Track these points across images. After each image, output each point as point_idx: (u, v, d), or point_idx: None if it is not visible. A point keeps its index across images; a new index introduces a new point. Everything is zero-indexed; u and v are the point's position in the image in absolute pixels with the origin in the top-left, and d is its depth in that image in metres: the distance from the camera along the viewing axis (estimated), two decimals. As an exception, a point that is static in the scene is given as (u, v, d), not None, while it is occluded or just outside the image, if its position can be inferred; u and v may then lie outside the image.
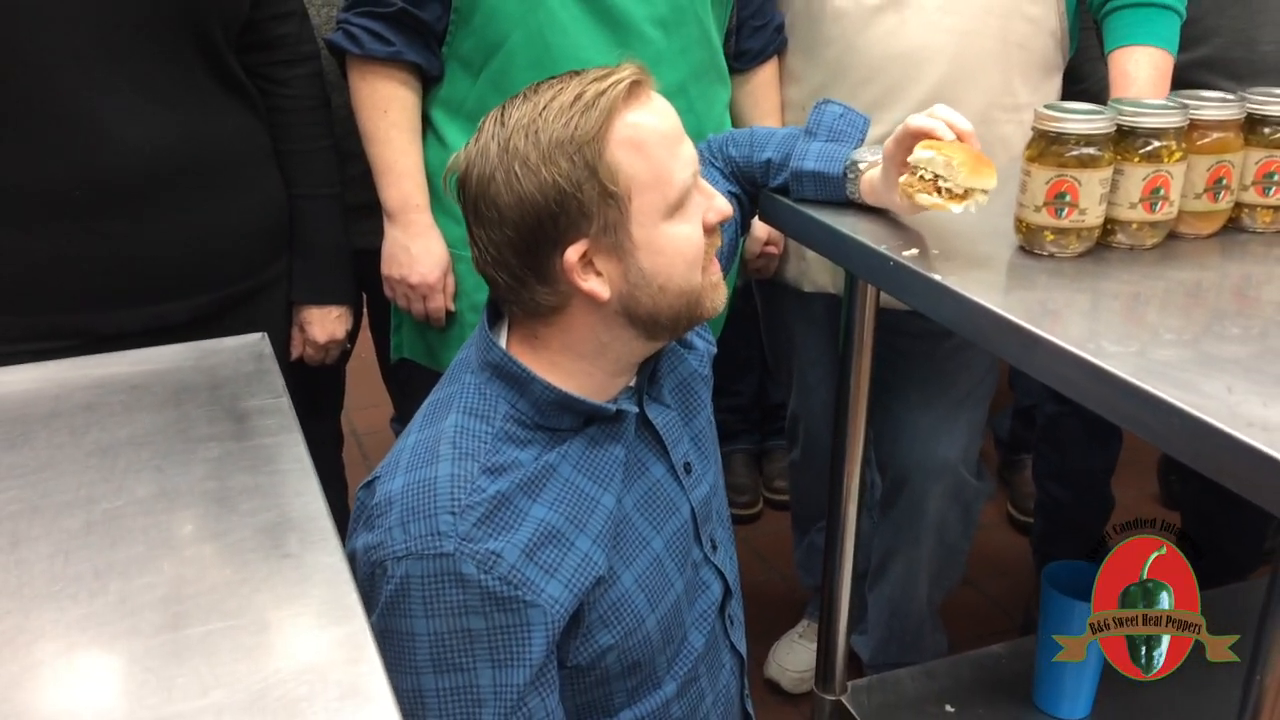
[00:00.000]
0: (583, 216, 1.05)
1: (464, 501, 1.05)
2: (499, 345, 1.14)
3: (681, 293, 1.12)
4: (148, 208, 1.46)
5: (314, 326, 1.70)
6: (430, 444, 1.10)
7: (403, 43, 1.59)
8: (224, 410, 0.98)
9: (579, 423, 1.15)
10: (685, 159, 1.11)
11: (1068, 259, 1.27)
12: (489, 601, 1.03)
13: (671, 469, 1.25)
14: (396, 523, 1.04)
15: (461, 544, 1.03)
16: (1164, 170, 1.25)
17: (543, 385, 1.12)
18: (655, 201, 1.07)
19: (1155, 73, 1.65)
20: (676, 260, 1.11)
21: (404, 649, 1.04)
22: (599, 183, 1.04)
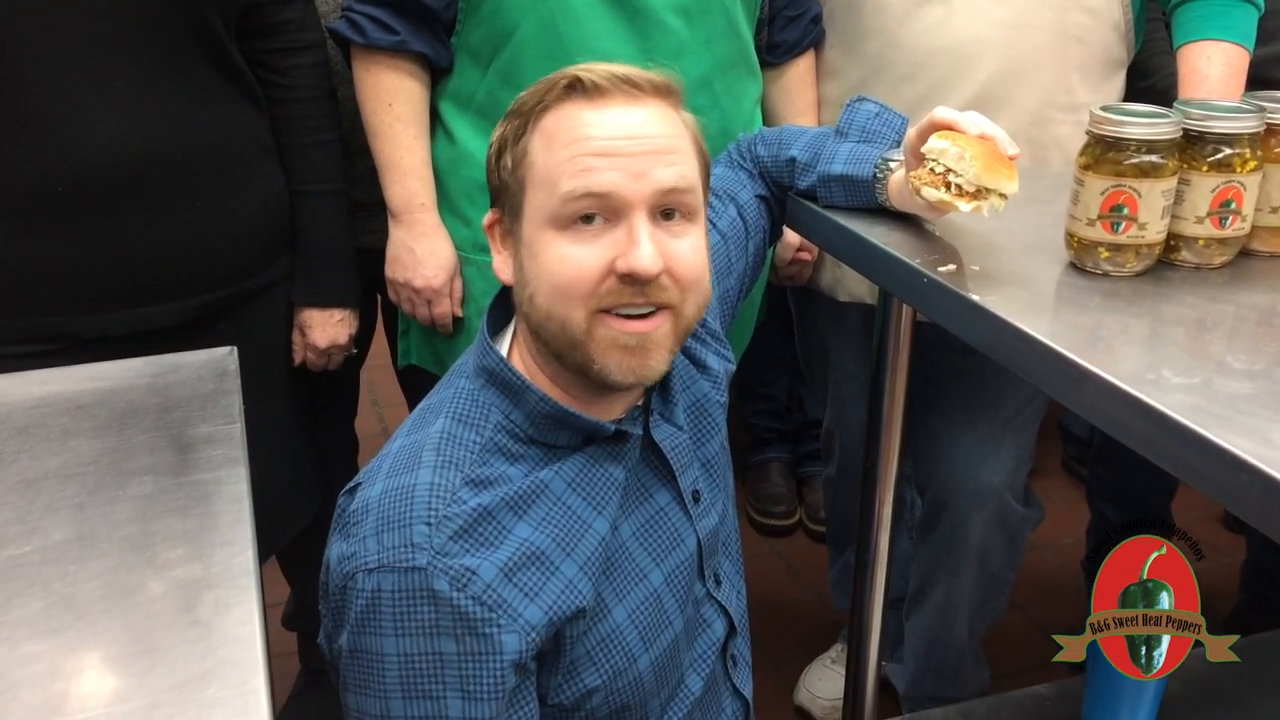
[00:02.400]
0: (502, 185, 1.05)
1: (442, 512, 0.97)
2: (496, 350, 1.06)
3: (551, 317, 1.00)
4: (134, 205, 1.37)
5: (314, 330, 1.61)
6: (414, 450, 1.02)
7: (409, 31, 1.49)
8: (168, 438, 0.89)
9: (577, 440, 1.06)
10: (593, 175, 0.98)
11: (1124, 279, 1.14)
12: (460, 623, 0.95)
13: (678, 496, 1.15)
14: (371, 532, 0.97)
15: (435, 558, 0.95)
16: (1236, 181, 1.11)
17: (538, 396, 1.03)
18: (541, 202, 1.00)
19: (1229, 70, 1.51)
20: (544, 276, 1.00)
21: (372, 670, 0.96)
22: (513, 158, 1.03)
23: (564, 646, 1.02)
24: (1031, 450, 1.85)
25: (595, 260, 0.98)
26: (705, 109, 1.53)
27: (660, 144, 1.00)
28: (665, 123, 1.02)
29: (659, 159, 0.99)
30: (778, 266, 1.79)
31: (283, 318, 1.61)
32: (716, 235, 1.34)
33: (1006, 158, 1.13)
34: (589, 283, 0.98)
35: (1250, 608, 2.24)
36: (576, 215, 0.98)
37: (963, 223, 1.27)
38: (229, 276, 1.49)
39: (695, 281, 1.03)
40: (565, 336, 1.01)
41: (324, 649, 1.06)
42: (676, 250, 1.01)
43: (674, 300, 1.01)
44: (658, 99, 1.02)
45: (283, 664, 2.27)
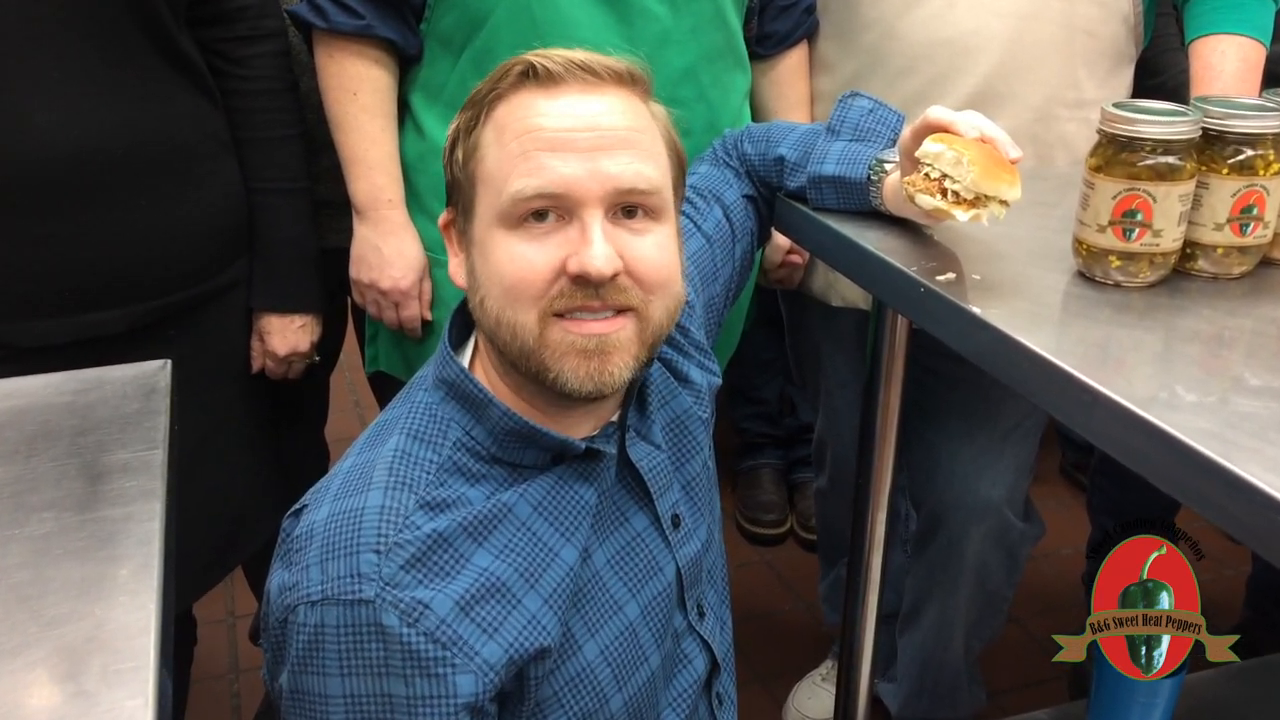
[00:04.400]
0: (453, 181, 0.98)
1: (392, 539, 0.89)
2: (457, 361, 0.97)
3: (502, 323, 0.93)
4: (74, 204, 1.28)
5: (274, 337, 1.52)
6: (365, 469, 0.94)
7: (374, 15, 1.40)
8: (80, 466, 0.80)
9: (545, 460, 0.97)
10: (546, 171, 0.90)
11: (1136, 290, 1.05)
12: (410, 662, 0.86)
13: (656, 521, 1.07)
14: (315, 560, 0.89)
15: (384, 589, 0.87)
16: (1259, 185, 1.03)
17: (501, 411, 0.95)
18: (491, 200, 0.93)
19: (1244, 66, 1.42)
20: (494, 274, 0.92)
21: (315, 713, 0.88)
22: (464, 152, 0.96)
23: (528, 688, 0.94)
24: (1032, 463, 1.77)
25: (546, 260, 0.91)
26: (691, 102, 1.44)
27: (619, 136, 0.92)
28: (627, 113, 0.93)
29: (617, 153, 0.91)
30: (766, 270, 1.70)
31: (240, 323, 1.52)
32: (701, 239, 1.25)
33: (1007, 162, 1.04)
34: (539, 284, 0.91)
35: (1255, 625, 2.16)
36: (527, 213, 0.91)
37: (962, 228, 1.18)
38: (180, 280, 1.40)
39: (661, 283, 0.94)
40: (517, 343, 0.93)
41: (267, 685, 0.97)
42: (637, 249, 0.92)
43: (635, 302, 0.93)
44: (619, 87, 0.94)
45: (251, 678, 2.19)
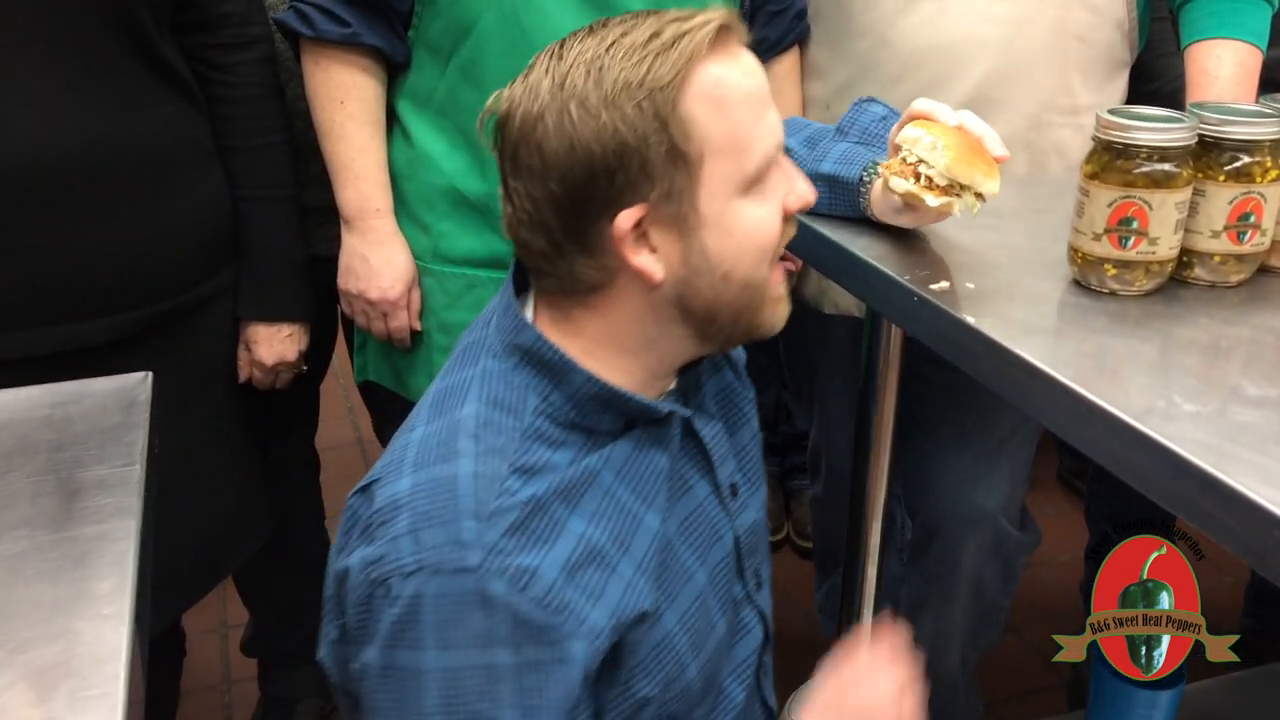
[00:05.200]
0: (644, 177, 0.87)
1: (491, 505, 0.85)
2: (532, 326, 0.94)
3: (746, 286, 0.93)
4: (55, 214, 1.26)
5: (261, 346, 1.50)
6: (444, 437, 0.90)
7: (361, 23, 1.39)
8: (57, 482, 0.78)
9: (618, 425, 0.95)
10: (770, 127, 0.92)
11: (1132, 298, 1.04)
12: (520, 630, 0.84)
13: (716, 490, 1.05)
14: (405, 531, 0.85)
15: (489, 556, 0.83)
16: (1256, 192, 1.01)
17: (584, 376, 0.92)
18: (730, 171, 0.89)
19: (1240, 71, 1.41)
20: (747, 245, 0.91)
21: (408, 691, 0.84)
22: (669, 138, 0.86)
23: (623, 655, 0.91)
24: (1028, 472, 1.75)
25: (776, 211, 0.94)
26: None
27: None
28: None
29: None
30: (760, 276, 1.69)
31: (227, 332, 1.50)
32: None
33: (986, 154, 1.03)
34: (778, 236, 0.94)
35: (1254, 633, 2.14)
36: (765, 173, 0.91)
37: (956, 237, 1.17)
38: (165, 290, 1.38)
39: None
40: (749, 301, 0.94)
41: (329, 671, 0.94)
42: None
43: None
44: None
45: (243, 689, 2.17)
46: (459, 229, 1.46)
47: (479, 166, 1.43)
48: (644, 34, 0.87)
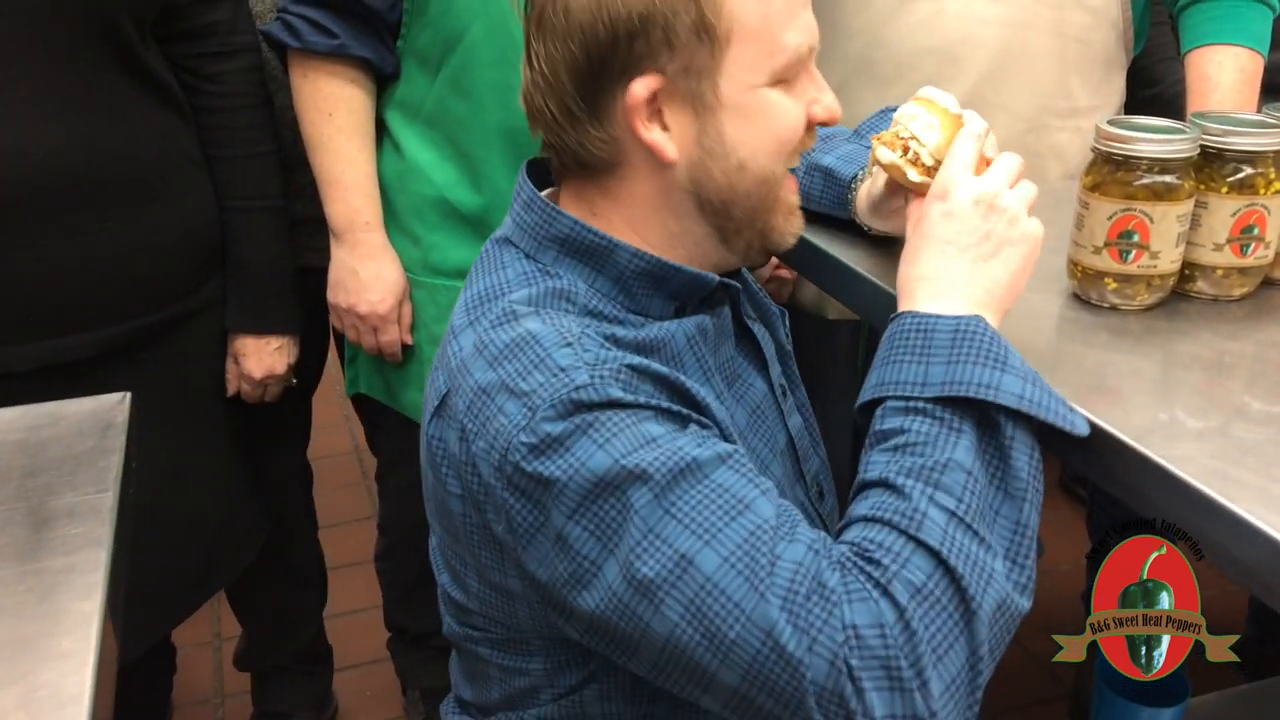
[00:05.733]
0: (665, 45, 0.86)
1: (576, 333, 0.83)
2: (566, 213, 0.92)
3: (761, 180, 0.91)
4: (38, 225, 1.24)
5: (249, 359, 1.48)
6: (498, 321, 0.86)
7: (349, 34, 1.37)
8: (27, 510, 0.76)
9: (668, 311, 0.93)
10: (804, 26, 0.91)
11: (1133, 313, 1.01)
12: (657, 412, 0.81)
13: (771, 388, 1.04)
14: (505, 400, 0.81)
15: (595, 369, 0.80)
16: (1259, 204, 0.99)
17: (630, 252, 0.90)
18: (757, 58, 0.88)
19: (1241, 77, 1.39)
20: (766, 134, 0.90)
21: (603, 510, 0.78)
22: (698, 9, 0.85)
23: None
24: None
25: (802, 111, 0.92)
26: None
27: None
28: None
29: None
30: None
31: (215, 345, 1.48)
32: None
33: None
34: (799, 135, 0.92)
35: (1258, 642, 2.12)
36: (793, 70, 0.89)
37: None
38: (150, 302, 1.36)
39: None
40: (763, 200, 0.92)
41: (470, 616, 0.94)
42: None
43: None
44: None
45: (236, 703, 2.15)
46: (450, 241, 1.44)
47: (469, 177, 1.41)
48: None
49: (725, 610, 0.75)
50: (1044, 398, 0.82)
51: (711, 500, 0.78)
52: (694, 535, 0.77)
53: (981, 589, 0.77)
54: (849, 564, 0.77)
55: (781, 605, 0.74)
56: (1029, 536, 0.82)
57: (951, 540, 0.77)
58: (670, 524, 0.77)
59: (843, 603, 0.75)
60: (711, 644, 0.76)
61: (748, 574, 0.75)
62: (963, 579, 0.76)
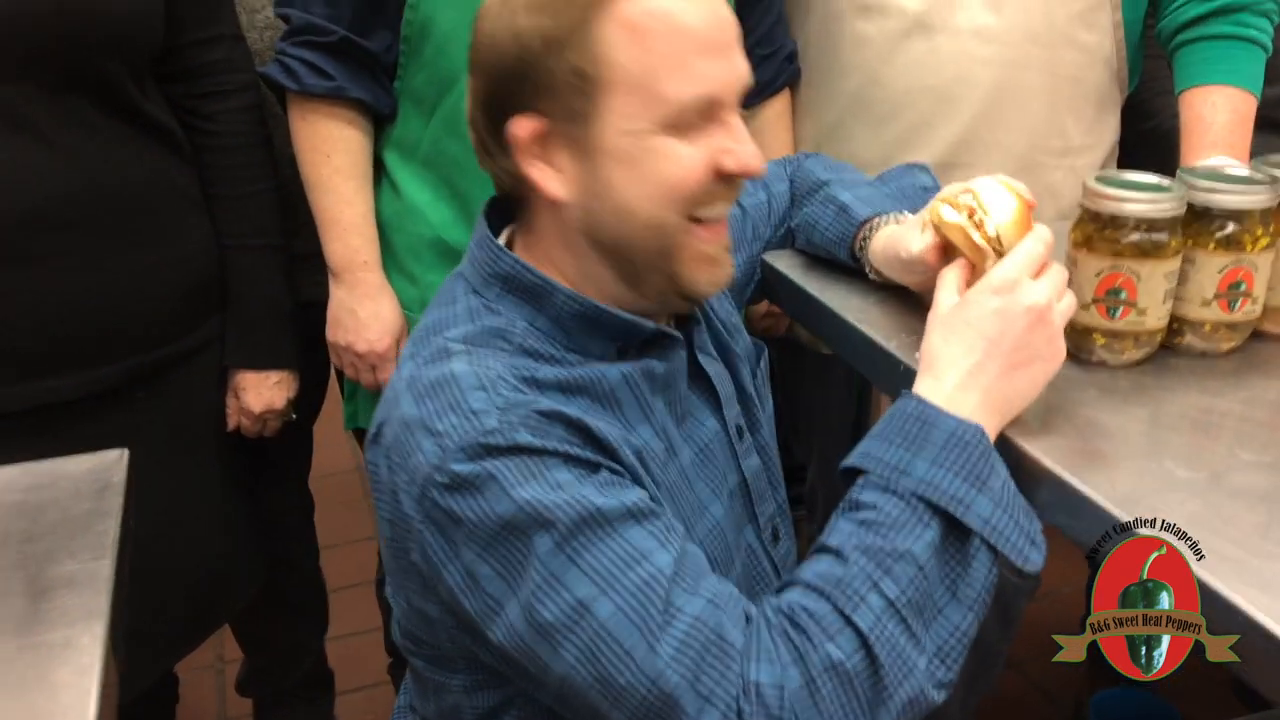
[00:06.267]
0: (546, 89, 0.88)
1: (493, 377, 0.85)
2: (509, 252, 0.94)
3: (651, 227, 0.90)
4: (30, 265, 1.25)
5: (249, 394, 1.49)
6: (433, 356, 0.89)
7: (345, 77, 1.38)
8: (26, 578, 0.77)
9: (609, 351, 0.95)
10: (699, 76, 0.88)
11: (1122, 368, 1.02)
12: (565, 459, 0.83)
13: (724, 428, 1.05)
14: (423, 435, 0.84)
15: (505, 413, 0.83)
16: (1246, 261, 1.00)
17: (566, 294, 0.92)
18: (637, 106, 0.87)
19: (1235, 117, 1.40)
20: (651, 180, 0.89)
21: (509, 547, 0.81)
22: (576, 55, 0.86)
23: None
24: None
25: (700, 160, 0.90)
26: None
27: (735, 29, 0.92)
28: (727, 3, 0.93)
29: (737, 49, 0.92)
30: (752, 318, 1.68)
31: (214, 382, 1.49)
32: (738, 209, 1.24)
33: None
34: (695, 185, 0.90)
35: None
36: (684, 121, 0.88)
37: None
38: (146, 342, 1.37)
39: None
40: (658, 246, 0.92)
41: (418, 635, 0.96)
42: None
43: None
44: None
45: (238, 728, 2.17)
46: (446, 280, 1.45)
47: (464, 218, 1.42)
48: None
49: (616, 658, 0.79)
50: (1008, 528, 0.86)
51: (611, 549, 0.81)
52: (591, 583, 0.80)
53: (898, 681, 0.80)
54: (773, 625, 0.81)
55: (673, 657, 0.78)
56: (964, 642, 0.86)
57: (882, 628, 0.80)
58: (570, 570, 0.80)
59: (745, 658, 0.79)
60: (604, 688, 0.79)
61: (640, 623, 0.79)
62: (882, 667, 0.79)
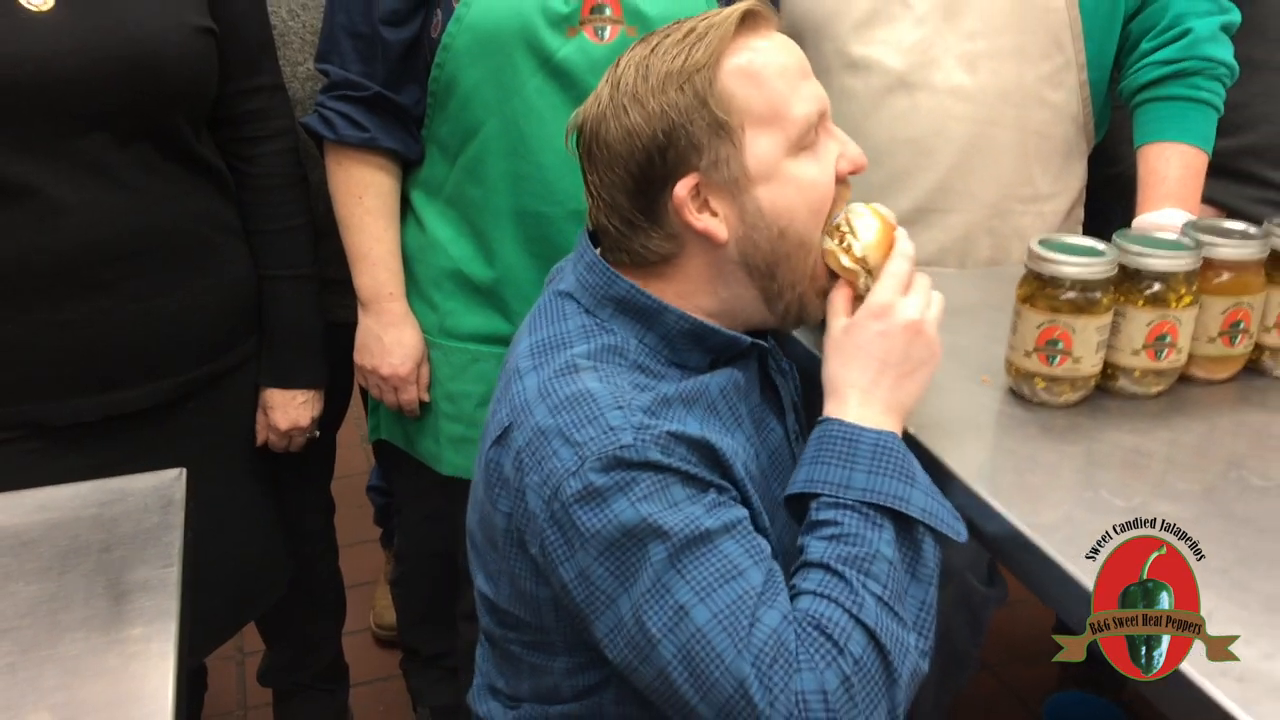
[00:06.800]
0: (692, 149, 1.02)
1: (627, 397, 0.98)
2: (624, 278, 1.07)
3: (801, 243, 1.06)
4: (105, 293, 1.40)
5: (276, 411, 1.63)
6: (562, 369, 1.01)
7: (378, 128, 1.52)
8: (106, 583, 0.91)
9: (705, 363, 1.09)
10: (808, 95, 1.05)
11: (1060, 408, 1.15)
12: (684, 478, 0.96)
13: (787, 435, 1.19)
14: (561, 444, 0.96)
15: (639, 432, 0.95)
16: (1171, 316, 1.13)
17: (677, 314, 1.06)
18: (772, 135, 1.03)
19: (1187, 172, 1.53)
20: (798, 201, 1.05)
21: (625, 553, 0.94)
22: (709, 112, 1.01)
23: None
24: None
25: (828, 170, 1.06)
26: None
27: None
28: None
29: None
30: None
31: (252, 395, 1.64)
32: None
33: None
34: (829, 192, 1.06)
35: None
36: (809, 135, 1.04)
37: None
38: (197, 358, 1.52)
39: None
40: (804, 265, 1.07)
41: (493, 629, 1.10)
42: None
43: None
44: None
45: (259, 715, 2.29)
46: (464, 308, 1.59)
47: (482, 253, 1.55)
48: (681, 32, 1.03)
49: (709, 658, 0.92)
50: (940, 511, 1.00)
51: (712, 564, 0.94)
52: (693, 592, 0.93)
53: (900, 661, 0.93)
54: (807, 630, 0.93)
55: (753, 663, 0.91)
56: (931, 612, 0.99)
57: (881, 621, 0.93)
58: (676, 579, 0.93)
59: (798, 670, 0.91)
60: (695, 682, 0.92)
61: (731, 631, 0.92)
62: (889, 654, 0.92)
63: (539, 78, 1.45)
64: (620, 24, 1.46)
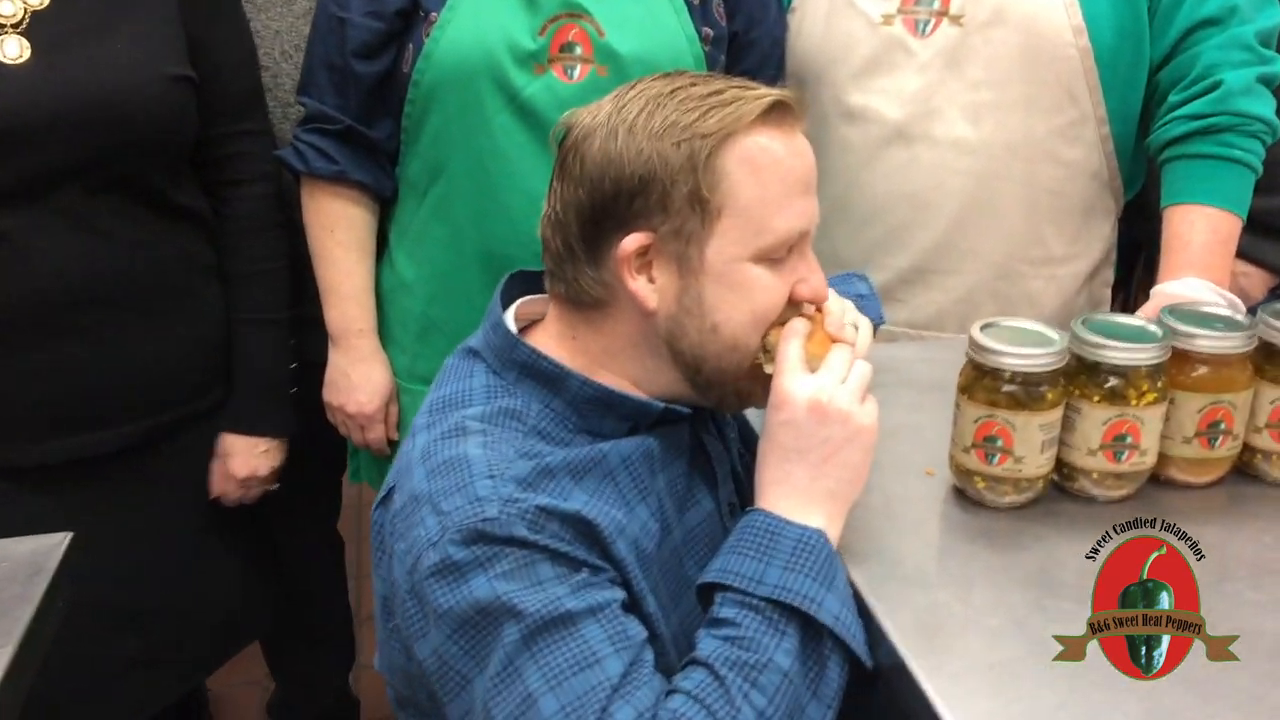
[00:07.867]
0: (660, 208, 0.95)
1: (503, 467, 0.92)
2: (524, 342, 1.01)
3: (734, 347, 0.98)
4: (69, 337, 1.38)
5: (235, 459, 1.57)
6: (450, 430, 0.96)
7: (349, 161, 1.48)
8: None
9: (622, 429, 1.02)
10: (798, 212, 0.97)
11: (1004, 510, 1.04)
12: (553, 556, 0.90)
13: (718, 507, 1.11)
14: (428, 512, 0.91)
15: (506, 505, 0.89)
16: (1131, 415, 1.01)
17: (579, 380, 1.00)
18: (744, 234, 0.96)
19: (1214, 238, 1.39)
20: (743, 304, 0.97)
21: (479, 632, 0.88)
22: (695, 181, 0.94)
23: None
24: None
25: (784, 290, 0.99)
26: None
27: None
28: None
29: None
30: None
31: None
32: None
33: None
34: (776, 311, 0.99)
35: None
36: (779, 252, 0.97)
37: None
38: (169, 402, 1.49)
39: None
40: (734, 363, 0.99)
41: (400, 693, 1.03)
42: None
43: None
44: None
45: (264, 737, 2.29)
46: (430, 351, 1.54)
47: (443, 294, 1.51)
48: (708, 89, 0.96)
49: None
50: (853, 623, 0.90)
51: (568, 650, 0.87)
52: (543, 679, 0.86)
53: None
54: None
55: None
56: None
57: None
58: (529, 663, 0.87)
59: None
60: None
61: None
62: None
63: (505, 115, 1.40)
64: (591, 63, 1.39)
